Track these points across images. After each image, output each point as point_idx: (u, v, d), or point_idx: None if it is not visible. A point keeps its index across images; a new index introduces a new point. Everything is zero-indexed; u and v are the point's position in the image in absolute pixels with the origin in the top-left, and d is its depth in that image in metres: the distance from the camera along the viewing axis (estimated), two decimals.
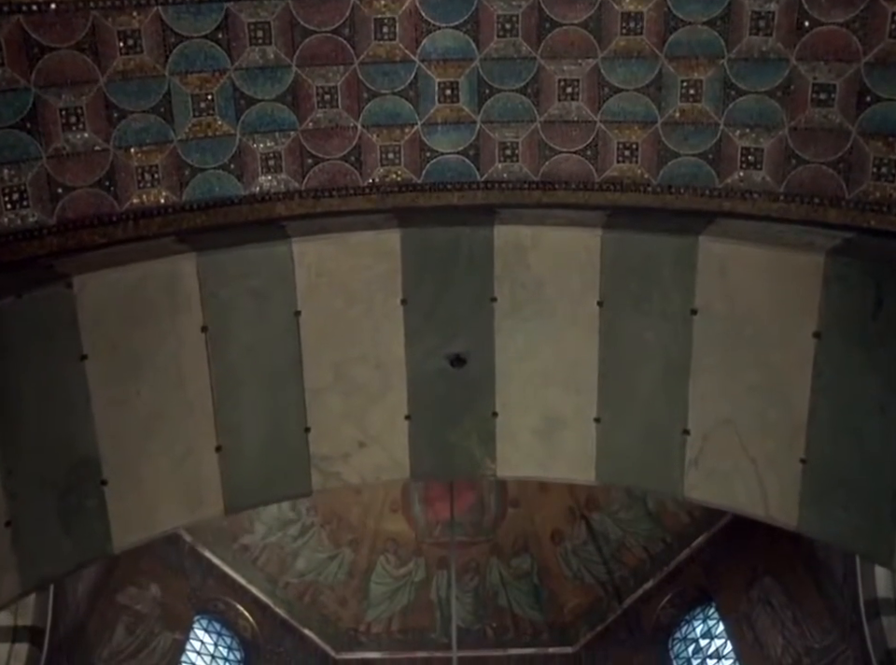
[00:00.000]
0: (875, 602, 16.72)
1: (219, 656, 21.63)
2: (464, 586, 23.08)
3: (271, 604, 22.53)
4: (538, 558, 23.68)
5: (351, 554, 23.40)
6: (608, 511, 22.91)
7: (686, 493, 9.23)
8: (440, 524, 23.42)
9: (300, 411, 9.22)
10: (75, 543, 8.64)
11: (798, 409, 8.53)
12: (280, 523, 22.74)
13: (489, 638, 23.48)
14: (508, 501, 23.78)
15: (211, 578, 21.80)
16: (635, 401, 9.18)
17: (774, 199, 8.72)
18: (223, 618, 22.03)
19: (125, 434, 8.68)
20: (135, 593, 20.03)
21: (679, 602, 21.94)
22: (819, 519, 8.77)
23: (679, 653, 21.54)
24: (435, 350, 9.25)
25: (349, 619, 23.40)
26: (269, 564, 22.63)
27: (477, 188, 9.19)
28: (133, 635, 19.76)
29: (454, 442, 9.53)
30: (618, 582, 22.83)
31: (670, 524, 22.20)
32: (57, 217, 8.41)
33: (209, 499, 9.19)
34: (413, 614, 23.65)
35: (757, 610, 19.87)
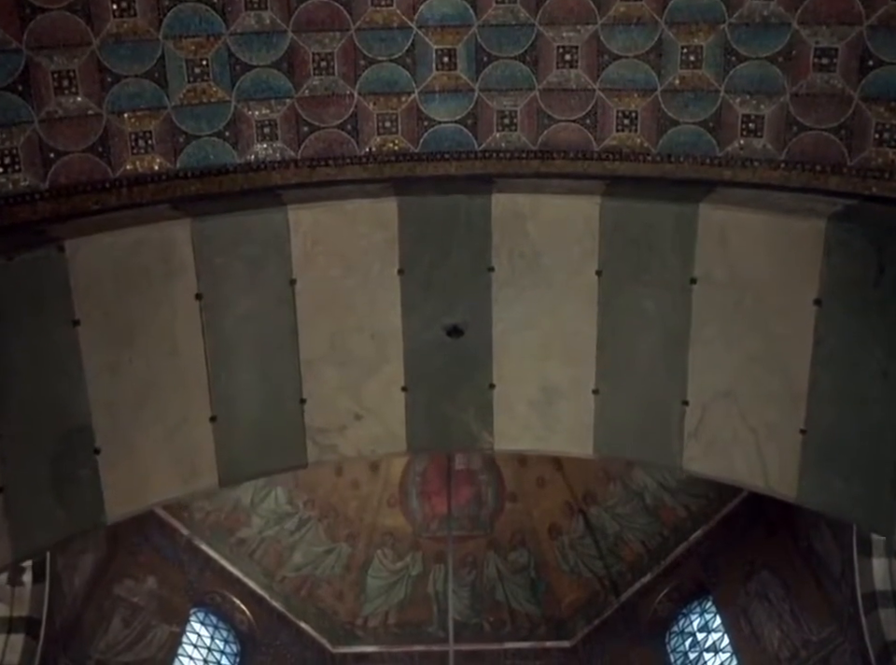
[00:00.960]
0: (872, 595, 16.61)
1: (216, 648, 21.58)
2: (461, 580, 23.01)
3: (267, 598, 22.47)
4: (535, 553, 23.61)
5: (348, 548, 23.33)
6: (605, 505, 22.86)
7: (685, 465, 9.07)
8: (437, 518, 23.26)
9: (295, 382, 9.05)
10: (67, 511, 8.46)
11: (798, 378, 8.36)
12: (277, 517, 22.67)
13: (486, 632, 23.42)
14: (505, 495, 23.76)
15: (208, 571, 21.74)
16: (633, 372, 9.02)
17: (774, 167, 8.54)
18: (220, 611, 22.01)
19: (118, 403, 8.50)
20: (132, 585, 19.96)
21: (677, 596, 21.89)
22: (818, 490, 8.61)
23: (677, 647, 21.47)
24: (432, 321, 9.07)
25: (346, 613, 23.31)
26: (266, 558, 22.54)
27: (475, 157, 9.01)
28: (129, 627, 19.69)
29: (451, 414, 9.36)
30: (615, 576, 22.75)
31: (667, 518, 22.14)
32: (49, 182, 8.24)
33: (203, 470, 9.02)
34: (409, 608, 23.58)
35: (754, 603, 19.79)
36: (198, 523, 21.87)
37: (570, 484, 23.17)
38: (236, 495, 22.23)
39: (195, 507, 21.72)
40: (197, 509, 21.72)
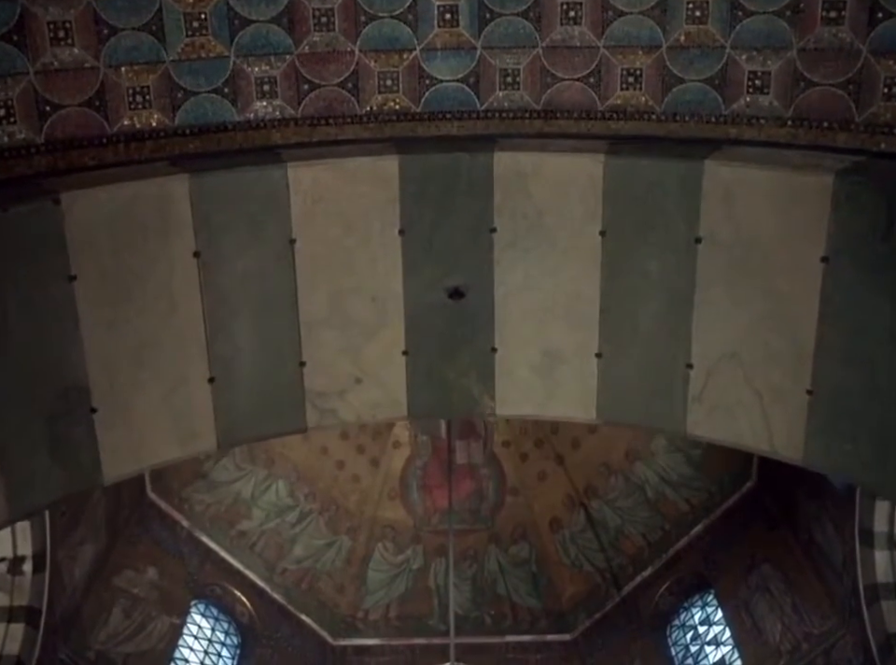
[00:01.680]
0: (874, 587, 16.45)
1: (216, 640, 21.38)
2: (462, 573, 22.88)
3: (268, 590, 22.37)
4: (536, 546, 23.49)
5: (349, 541, 23.22)
6: (606, 499, 22.75)
7: (689, 430, 8.88)
8: (438, 512, 23.13)
9: (294, 344, 8.87)
10: (63, 471, 8.32)
11: (805, 338, 8.16)
12: (278, 509, 22.58)
13: (487, 625, 23.32)
14: (506, 489, 23.64)
15: (208, 563, 21.61)
16: (637, 335, 8.83)
17: (781, 124, 8.34)
18: (220, 603, 21.88)
19: (115, 362, 8.33)
20: (132, 577, 19.83)
21: (678, 590, 21.74)
22: (825, 452, 8.43)
23: (678, 640, 21.21)
24: (433, 283, 8.89)
25: (347, 606, 23.18)
26: (266, 550, 22.41)
27: (477, 117, 8.83)
28: (129, 618, 19.54)
29: (452, 379, 9.17)
30: (616, 570, 22.61)
31: (669, 512, 22.03)
32: (45, 135, 8.08)
33: (202, 432, 8.85)
34: (410, 601, 23.48)
35: (756, 597, 19.63)
36: (198, 515, 21.77)
37: (571, 477, 23.01)
38: (237, 488, 22.08)
39: (195, 499, 21.64)
40: (197, 501, 21.65)
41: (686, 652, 21.07)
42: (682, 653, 21.15)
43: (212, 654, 21.22)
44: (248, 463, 22.17)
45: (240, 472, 22.13)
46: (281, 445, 22.38)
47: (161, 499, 21.02)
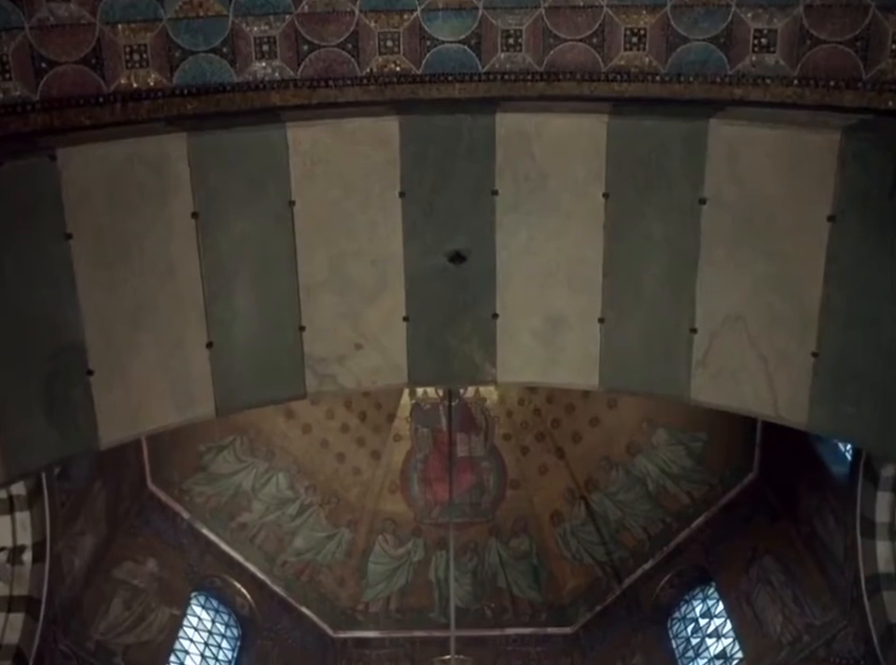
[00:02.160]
0: (876, 578, 16.32)
1: (217, 632, 21.22)
2: (462, 566, 22.76)
3: (268, 582, 22.29)
4: (537, 540, 23.40)
5: (349, 534, 23.14)
6: (607, 492, 22.66)
7: (693, 396, 8.72)
8: (438, 505, 23.01)
9: (293, 309, 8.72)
10: (60, 433, 8.16)
11: (810, 300, 8.03)
12: (278, 502, 22.49)
13: (487, 618, 23.20)
14: (507, 482, 23.46)
15: (209, 555, 21.55)
16: (640, 299, 8.67)
17: (787, 83, 8.17)
18: (220, 595, 21.76)
19: (112, 323, 8.18)
20: (132, 568, 19.74)
21: (679, 583, 21.65)
22: (830, 416, 8.28)
23: (679, 632, 21.05)
24: (434, 247, 8.73)
25: (347, 598, 23.09)
26: (267, 542, 22.33)
27: (479, 79, 8.63)
28: (129, 610, 19.44)
29: (453, 345, 9.01)
30: (617, 563, 22.51)
31: (670, 505, 21.95)
32: (41, 93, 7.93)
33: (200, 397, 8.70)
34: (411, 593, 23.43)
35: (757, 589, 19.52)
36: (199, 507, 21.69)
37: (572, 471, 22.90)
38: (237, 480, 21.99)
39: (196, 491, 21.59)
40: (198, 493, 21.59)
41: (687, 644, 20.97)
42: (683, 645, 20.97)
43: (212, 646, 21.10)
44: (249, 456, 22.08)
45: (240, 464, 22.03)
46: (281, 437, 22.22)
47: (162, 490, 20.92)
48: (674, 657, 21.04)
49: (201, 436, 21.45)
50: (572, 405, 22.80)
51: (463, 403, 23.40)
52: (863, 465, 16.15)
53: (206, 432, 21.49)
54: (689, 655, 20.84)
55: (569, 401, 22.85)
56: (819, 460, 17.94)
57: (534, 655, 22.75)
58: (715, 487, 21.35)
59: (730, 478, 21.09)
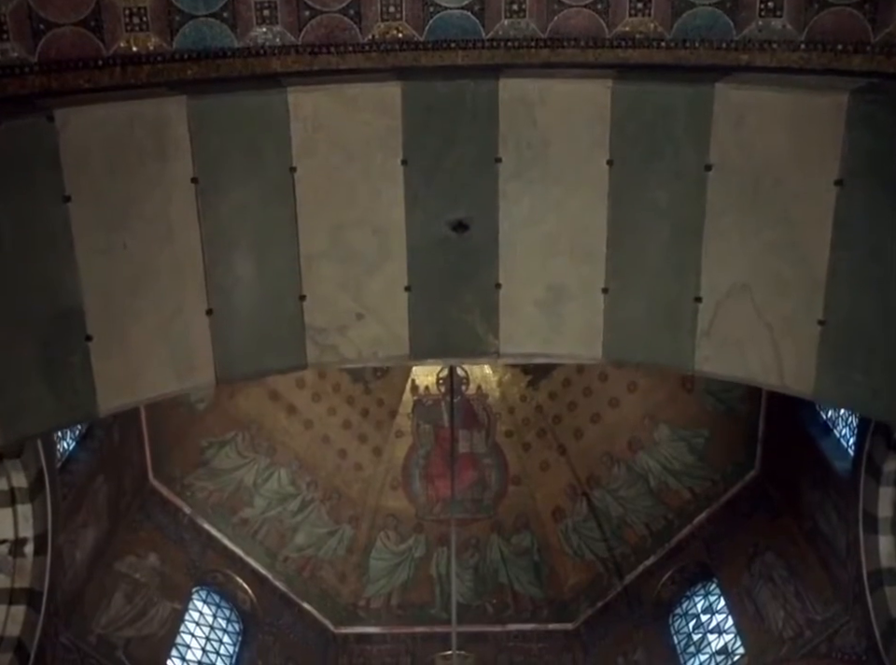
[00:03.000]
0: (878, 573, 16.16)
1: (218, 627, 21.02)
2: (464, 562, 22.62)
3: (270, 578, 22.18)
4: (538, 536, 23.28)
5: (351, 530, 23.03)
6: (609, 488, 22.55)
7: (697, 366, 8.55)
8: (440, 501, 22.91)
9: (294, 278, 8.56)
10: (58, 399, 8.01)
11: (817, 266, 7.87)
12: (280, 498, 22.40)
13: (489, 614, 23.05)
14: (509, 478, 23.34)
15: (210, 550, 21.43)
16: (644, 269, 8.51)
17: (794, 48, 8.02)
18: (222, 590, 21.65)
19: (111, 288, 8.04)
20: (134, 562, 19.60)
21: (680, 579, 21.52)
22: (836, 384, 8.11)
23: (680, 628, 20.86)
24: (436, 216, 8.57)
25: (348, 594, 22.97)
26: (268, 538, 22.23)
27: (482, 46, 8.47)
28: (131, 603, 19.30)
29: (455, 316, 8.84)
30: (619, 559, 22.37)
31: (672, 501, 21.84)
32: (39, 55, 7.78)
33: (199, 365, 8.54)
34: (412, 589, 23.30)
35: (758, 585, 19.39)
36: (200, 502, 21.59)
37: (574, 467, 22.74)
38: (239, 475, 21.87)
39: (197, 486, 21.47)
40: (199, 488, 21.47)
41: (688, 640, 20.74)
42: (685, 641, 20.75)
43: (213, 640, 20.85)
44: (250, 451, 21.97)
45: (242, 459, 21.92)
46: (283, 433, 22.10)
47: (164, 485, 20.81)
48: (675, 653, 20.87)
49: (202, 432, 21.37)
50: (574, 402, 22.67)
51: (465, 399, 23.27)
52: (865, 460, 15.98)
53: (208, 428, 21.42)
54: (690, 651, 20.60)
55: (571, 398, 22.74)
56: (822, 456, 17.80)
57: (535, 651, 22.59)
58: (717, 483, 21.22)
59: (732, 475, 20.98)
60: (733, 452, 20.70)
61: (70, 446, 18.06)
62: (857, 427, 16.62)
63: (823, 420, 18.38)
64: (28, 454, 15.33)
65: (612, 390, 22.30)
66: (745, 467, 20.60)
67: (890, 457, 15.52)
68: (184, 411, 20.90)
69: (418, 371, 23.29)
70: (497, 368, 23.18)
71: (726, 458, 20.87)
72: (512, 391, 23.34)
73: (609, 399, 22.44)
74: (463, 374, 23.09)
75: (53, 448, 16.49)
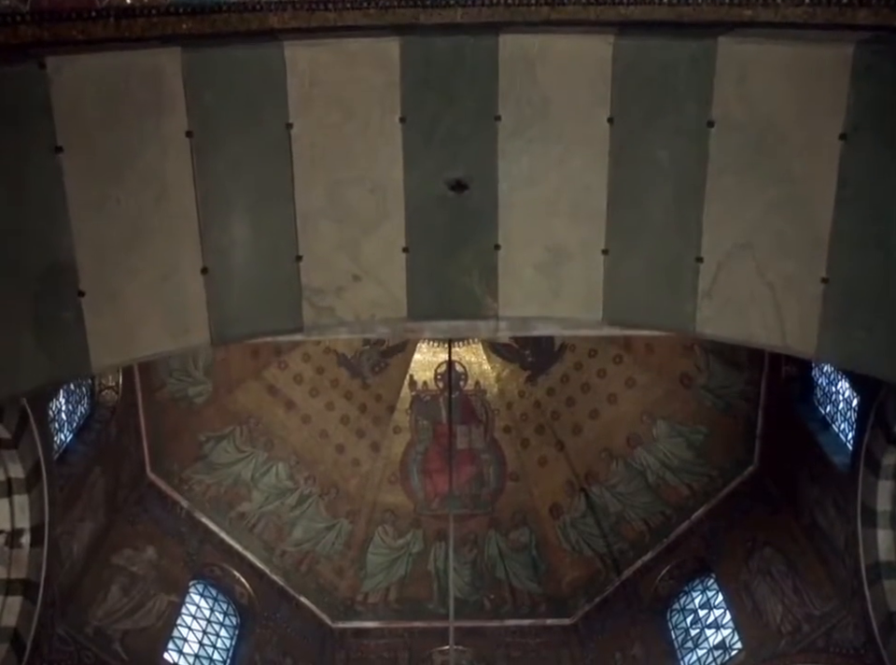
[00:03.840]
0: (876, 566, 16.01)
1: (215, 621, 20.78)
2: (462, 558, 22.52)
3: (267, 572, 22.14)
4: (536, 532, 23.08)
5: (349, 525, 22.96)
6: (607, 484, 22.35)
7: (698, 328, 8.34)
8: (438, 496, 22.72)
9: (291, 237, 8.35)
10: (50, 356, 7.81)
11: (821, 223, 7.67)
12: (278, 492, 22.32)
13: (486, 609, 22.87)
14: (507, 474, 23.12)
15: (208, 544, 21.39)
16: (645, 229, 8.31)
17: (798, 3, 7.79)
18: (219, 584, 21.45)
19: (104, 243, 7.84)
20: (131, 555, 19.52)
21: (678, 574, 21.41)
22: (839, 343, 7.92)
23: (678, 623, 20.60)
24: (435, 174, 8.37)
25: (346, 589, 22.87)
26: (266, 532, 22.13)
27: (482, 4, 8.25)
28: (128, 596, 19.20)
29: (454, 278, 8.63)
30: (616, 554, 22.22)
31: (670, 497, 21.66)
32: (31, 4, 7.56)
33: (195, 325, 8.33)
34: (410, 584, 23.24)
35: (757, 580, 19.29)
36: (198, 496, 21.54)
37: (572, 463, 22.56)
38: (237, 470, 21.73)
39: (195, 480, 21.30)
40: (197, 482, 21.39)
41: (686, 635, 20.52)
42: (682, 636, 20.53)
43: (211, 634, 20.59)
44: (248, 446, 21.89)
45: (240, 454, 21.82)
46: (281, 427, 21.95)
47: (161, 479, 20.64)
48: (673, 648, 20.64)
49: (201, 426, 21.26)
50: (572, 398, 22.56)
51: (463, 395, 23.13)
52: (864, 454, 15.82)
53: (206, 422, 21.29)
54: (688, 646, 20.39)
55: (569, 393, 22.61)
56: (820, 451, 17.69)
57: (533, 646, 22.46)
58: (715, 479, 21.10)
59: (730, 470, 20.91)
60: (731, 448, 20.57)
61: (67, 439, 17.85)
62: (856, 422, 16.44)
63: (822, 415, 18.26)
64: (25, 445, 15.20)
65: (611, 387, 22.19)
66: (743, 463, 20.51)
67: (889, 450, 15.36)
68: (182, 405, 20.76)
69: (416, 366, 23.18)
70: (495, 364, 22.99)
71: (724, 454, 20.74)
72: (511, 387, 23.21)
73: (607, 395, 22.29)
74: (461, 370, 22.92)
75: (50, 440, 16.36)
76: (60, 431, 17.78)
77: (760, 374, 19.85)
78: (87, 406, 17.55)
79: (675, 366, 20.82)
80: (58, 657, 16.53)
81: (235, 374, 20.42)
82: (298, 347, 20.78)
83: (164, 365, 20.44)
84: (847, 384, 17.66)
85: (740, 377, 20.51)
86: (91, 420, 18.90)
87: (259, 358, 20.70)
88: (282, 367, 21.34)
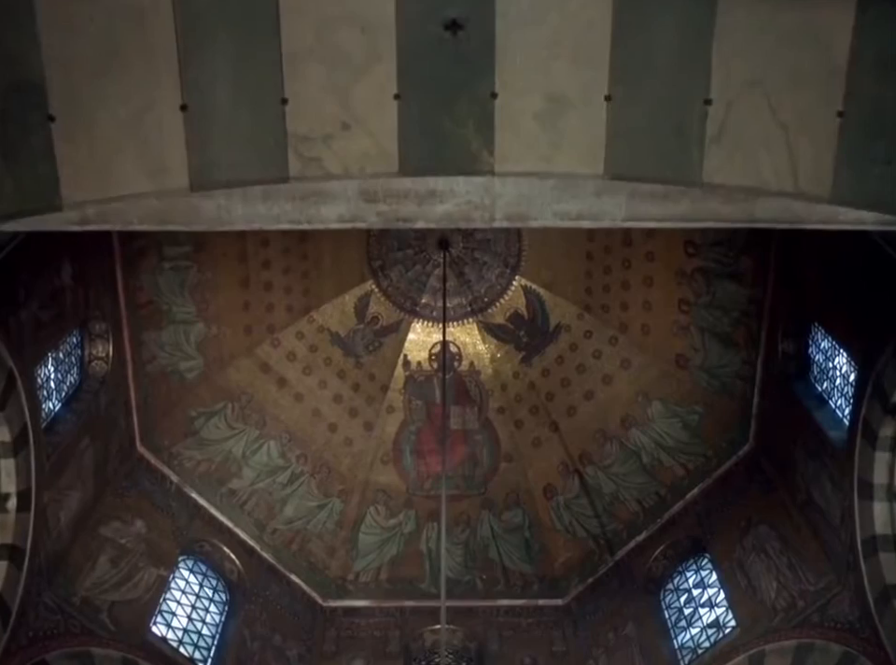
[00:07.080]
0: (872, 540, 15.41)
1: (204, 596, 20.11)
2: (454, 538, 21.97)
3: (258, 549, 21.51)
4: (529, 513, 22.58)
5: (340, 504, 22.44)
6: (601, 465, 21.81)
7: (706, 178, 7.71)
8: (431, 477, 22.22)
9: (276, 78, 7.70)
10: (15, 182, 7.17)
11: (838, 52, 7.09)
12: (269, 470, 21.82)
13: (478, 589, 22.31)
14: (501, 455, 22.69)
15: (198, 519, 20.80)
16: (650, 71, 7.69)
17: None
18: (209, 560, 20.82)
19: (75, 65, 7.25)
20: (120, 527, 18.88)
21: (672, 554, 20.85)
22: (856, 181, 7.35)
23: (671, 603, 19.92)
24: (429, 12, 7.72)
25: (337, 568, 22.30)
26: (256, 509, 21.57)
27: None
28: (116, 567, 18.55)
29: (448, 129, 7.97)
30: (610, 535, 21.62)
31: (665, 477, 21.19)
32: None
33: (172, 166, 7.69)
34: (402, 564, 22.60)
35: (751, 557, 18.71)
36: (188, 471, 20.99)
37: (566, 444, 21.91)
38: (228, 446, 21.12)
39: (185, 456, 20.80)
40: (187, 457, 20.83)
41: (679, 615, 19.77)
42: (676, 616, 19.81)
43: (200, 609, 19.87)
44: (240, 423, 21.33)
45: (231, 430, 21.25)
46: (273, 405, 21.38)
47: (151, 453, 19.96)
48: (666, 627, 19.93)
49: (192, 402, 20.66)
50: (567, 379, 21.96)
51: (457, 375, 22.53)
52: (861, 426, 15.22)
53: (197, 398, 20.71)
54: (681, 625, 19.64)
55: (564, 374, 22.00)
56: (817, 427, 17.11)
57: (525, 626, 21.84)
58: (710, 458, 20.56)
59: (725, 450, 20.37)
60: (727, 428, 20.00)
61: (56, 407, 17.18)
62: (853, 395, 15.82)
63: (818, 392, 17.68)
64: (12, 408, 14.54)
65: (606, 367, 21.64)
66: (739, 442, 19.97)
67: (887, 421, 14.76)
68: (174, 380, 20.16)
69: (410, 346, 22.53)
70: (490, 344, 22.42)
71: (720, 433, 20.18)
72: (505, 368, 22.60)
73: (602, 376, 21.70)
74: (456, 351, 22.29)
75: (38, 405, 15.77)
76: (49, 399, 17.09)
77: (756, 354, 19.19)
78: (76, 376, 16.91)
79: (670, 347, 20.47)
80: (44, 624, 16.63)
81: (228, 351, 19.72)
82: (292, 325, 20.44)
83: (156, 339, 19.76)
84: (844, 359, 17.05)
85: (736, 357, 19.90)
86: (80, 391, 18.26)
87: (252, 334, 20.02)
88: (275, 344, 21.11)
